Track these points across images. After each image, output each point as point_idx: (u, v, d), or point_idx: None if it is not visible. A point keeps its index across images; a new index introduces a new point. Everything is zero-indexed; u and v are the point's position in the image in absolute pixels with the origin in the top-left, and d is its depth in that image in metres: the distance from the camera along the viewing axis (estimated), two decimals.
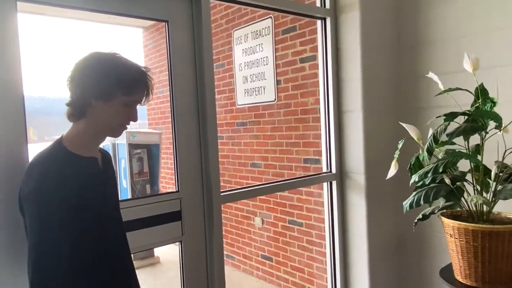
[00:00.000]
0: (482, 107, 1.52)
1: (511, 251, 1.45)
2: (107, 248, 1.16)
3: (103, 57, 1.11)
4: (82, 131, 1.12)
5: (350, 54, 2.33)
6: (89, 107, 1.09)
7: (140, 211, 1.57)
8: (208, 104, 1.74)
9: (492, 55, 2.06)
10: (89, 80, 1.07)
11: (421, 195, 1.59)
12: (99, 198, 1.15)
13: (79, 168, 1.09)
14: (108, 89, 1.08)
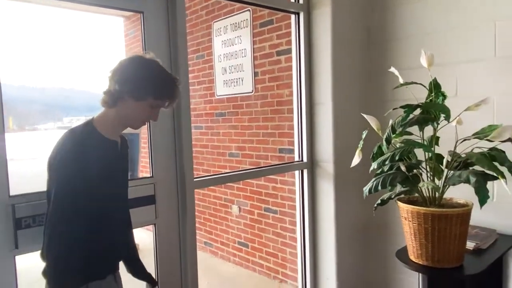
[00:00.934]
0: (435, 100, 1.64)
1: (458, 232, 1.59)
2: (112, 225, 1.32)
3: (145, 62, 1.28)
4: (111, 118, 1.29)
5: (321, 48, 2.43)
6: (121, 100, 1.26)
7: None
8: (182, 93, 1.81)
9: (453, 52, 2.19)
10: (129, 79, 1.23)
11: (379, 181, 1.71)
12: (115, 176, 1.32)
13: (103, 148, 1.26)
14: (142, 91, 1.25)
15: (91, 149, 1.20)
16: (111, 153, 1.30)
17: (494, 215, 2.07)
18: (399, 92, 2.30)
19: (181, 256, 1.90)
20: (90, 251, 1.20)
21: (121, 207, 1.40)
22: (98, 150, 1.23)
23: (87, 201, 1.18)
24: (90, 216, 1.20)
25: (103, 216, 1.27)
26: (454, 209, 1.58)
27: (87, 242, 1.19)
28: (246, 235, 3.67)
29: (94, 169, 1.19)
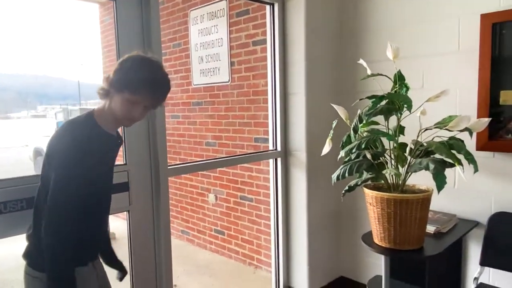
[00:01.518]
0: (399, 91, 1.72)
1: (418, 216, 1.68)
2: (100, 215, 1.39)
3: (134, 58, 1.30)
4: (106, 111, 1.30)
5: (295, 39, 2.48)
6: (109, 92, 1.29)
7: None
8: None
9: (421, 45, 2.28)
10: (116, 72, 1.28)
11: (346, 168, 1.79)
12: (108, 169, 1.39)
13: (103, 141, 1.30)
14: (119, 83, 1.26)
15: (92, 142, 1.24)
16: (109, 147, 1.35)
17: (455, 201, 2.20)
18: (368, 83, 2.38)
19: (156, 243, 1.93)
20: (79, 238, 1.24)
21: (108, 198, 1.44)
22: (98, 143, 1.27)
23: (83, 190, 1.23)
24: (84, 204, 1.25)
25: (95, 206, 1.33)
26: (415, 195, 1.67)
27: (78, 229, 1.24)
28: (222, 223, 3.72)
29: (92, 161, 1.24)
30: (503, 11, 1.92)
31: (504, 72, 1.97)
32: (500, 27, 1.95)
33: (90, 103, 5.23)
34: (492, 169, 2.05)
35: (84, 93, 8.37)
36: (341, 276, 2.80)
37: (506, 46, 1.96)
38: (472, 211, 2.13)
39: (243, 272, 3.37)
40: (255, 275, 3.30)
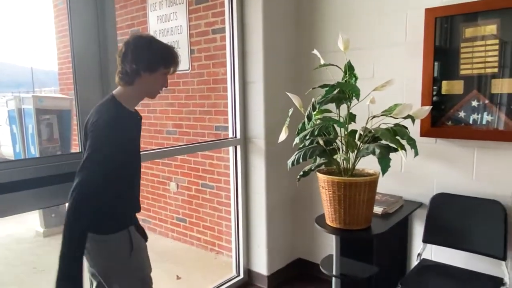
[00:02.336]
0: (349, 81, 1.82)
1: (366, 198, 1.80)
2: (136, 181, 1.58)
3: (147, 39, 1.46)
4: (130, 94, 1.47)
5: (253, 28, 2.52)
6: (139, 76, 1.44)
7: (41, 171, 1.64)
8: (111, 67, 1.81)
9: (372, 37, 2.39)
10: (141, 57, 1.42)
11: (301, 154, 1.87)
12: (137, 142, 1.57)
13: (129, 118, 1.49)
14: (155, 64, 1.44)
15: (122, 120, 1.43)
16: (135, 123, 1.55)
17: (401, 184, 2.35)
18: (323, 73, 2.48)
19: None
20: (126, 201, 1.50)
21: (139, 168, 1.60)
22: (128, 121, 1.47)
23: (118, 161, 1.40)
24: (121, 173, 1.45)
25: (130, 174, 1.53)
26: (362, 178, 1.78)
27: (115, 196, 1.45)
28: (184, 210, 3.74)
29: (123, 137, 1.42)
30: (445, 6, 2.06)
31: (446, 64, 2.12)
32: (442, 21, 2.09)
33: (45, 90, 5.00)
34: (435, 154, 2.22)
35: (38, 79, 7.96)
36: (299, 258, 2.93)
37: (448, 39, 2.10)
38: (417, 193, 2.29)
39: (205, 258, 3.43)
40: (217, 261, 3.36)
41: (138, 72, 1.43)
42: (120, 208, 1.49)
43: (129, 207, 1.54)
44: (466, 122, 2.07)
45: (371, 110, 1.85)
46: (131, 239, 1.49)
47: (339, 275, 1.92)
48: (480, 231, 2.01)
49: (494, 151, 2.02)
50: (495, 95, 1.97)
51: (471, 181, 2.11)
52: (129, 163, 1.49)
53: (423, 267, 2.10)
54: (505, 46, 1.93)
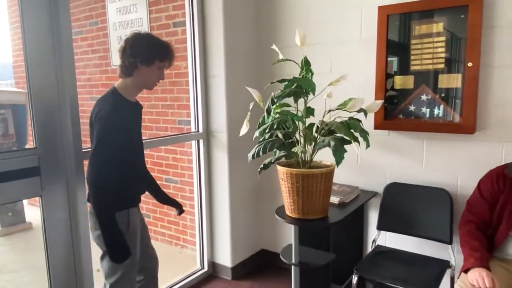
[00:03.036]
0: (305, 76, 1.87)
1: (322, 189, 1.87)
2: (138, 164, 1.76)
3: (144, 36, 1.66)
4: (129, 85, 1.66)
5: (214, 23, 2.53)
6: (136, 69, 1.62)
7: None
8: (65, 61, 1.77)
9: (329, 33, 2.47)
10: (138, 52, 1.60)
11: (260, 148, 1.92)
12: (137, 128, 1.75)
13: (129, 108, 1.66)
14: (150, 57, 1.62)
15: (122, 110, 1.61)
16: (134, 112, 1.71)
17: (358, 175, 2.46)
18: (282, 68, 2.53)
19: (72, 229, 1.89)
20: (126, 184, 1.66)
21: (141, 153, 1.79)
22: (126, 110, 1.64)
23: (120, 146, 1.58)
24: (123, 156, 1.61)
25: (131, 157, 1.69)
26: (319, 169, 1.85)
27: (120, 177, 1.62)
28: (148, 206, 3.71)
29: (124, 124, 1.60)
30: (397, 4, 2.16)
31: (398, 59, 2.23)
32: (394, 18, 2.19)
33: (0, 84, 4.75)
34: (388, 145, 2.33)
35: None
36: (262, 249, 3.00)
37: (399, 36, 2.20)
38: (372, 183, 2.41)
39: (169, 253, 3.43)
40: (181, 255, 3.37)
41: (135, 64, 1.61)
42: (122, 191, 1.64)
43: (130, 191, 1.71)
44: (416, 115, 2.19)
45: (329, 104, 1.92)
46: (128, 221, 1.66)
47: (298, 263, 1.99)
48: (429, 218, 2.14)
49: (441, 142, 2.16)
50: (441, 89, 2.10)
51: (421, 171, 2.24)
52: (128, 150, 1.67)
53: (377, 252, 2.22)
54: (450, 43, 2.05)
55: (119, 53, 1.64)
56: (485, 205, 1.75)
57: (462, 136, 2.08)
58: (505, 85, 1.95)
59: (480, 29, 1.94)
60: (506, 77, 1.94)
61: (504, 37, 1.93)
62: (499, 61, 1.95)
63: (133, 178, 1.72)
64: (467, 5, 1.95)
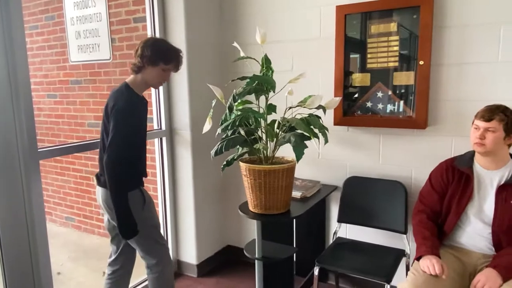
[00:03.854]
0: (266, 73, 1.90)
1: (284, 184, 1.91)
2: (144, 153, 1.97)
3: (155, 40, 1.90)
4: (138, 81, 1.89)
5: (176, 19, 2.50)
6: (143, 68, 1.85)
7: None
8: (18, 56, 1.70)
9: (291, 31, 2.51)
10: (146, 53, 1.81)
11: (223, 144, 1.93)
12: (145, 121, 1.93)
13: (140, 101, 1.88)
14: (155, 59, 1.83)
15: (134, 103, 1.82)
16: (143, 106, 1.91)
17: (319, 169, 2.53)
18: (246, 65, 2.56)
19: (29, 232, 1.82)
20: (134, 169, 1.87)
21: (145, 141, 1.99)
22: (138, 104, 1.85)
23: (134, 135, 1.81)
24: (135, 145, 1.85)
25: (141, 146, 1.92)
26: (280, 165, 1.89)
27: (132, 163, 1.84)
28: None
29: (137, 117, 1.82)
30: (353, 4, 2.23)
31: (356, 57, 2.30)
32: (352, 17, 2.26)
33: None
34: (347, 141, 2.41)
35: None
36: (228, 245, 3.02)
37: (357, 35, 2.28)
38: (333, 177, 2.48)
39: None
40: None
41: (143, 64, 1.83)
42: (134, 173, 1.89)
43: (139, 173, 1.95)
44: (373, 111, 2.28)
45: (290, 101, 1.96)
46: (143, 195, 1.92)
47: (261, 258, 2.03)
48: (386, 209, 2.24)
49: (396, 137, 2.26)
50: (396, 87, 2.20)
51: (378, 164, 2.33)
52: (139, 138, 1.89)
53: (338, 244, 2.30)
54: (404, 42, 2.15)
55: (134, 53, 1.88)
56: (436, 195, 1.86)
57: (415, 131, 2.19)
58: (453, 82, 2.07)
59: (431, 29, 2.04)
60: (455, 75, 2.06)
61: (453, 37, 2.04)
62: (449, 59, 2.07)
63: (142, 161, 1.96)
64: (419, 6, 2.05)
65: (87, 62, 3.48)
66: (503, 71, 1.95)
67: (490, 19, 1.95)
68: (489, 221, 1.72)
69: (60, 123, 3.85)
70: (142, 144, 1.94)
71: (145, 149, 1.99)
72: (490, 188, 1.74)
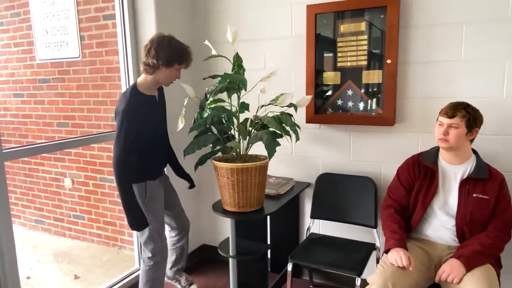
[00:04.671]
0: (238, 72, 1.91)
1: (257, 182, 1.93)
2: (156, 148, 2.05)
3: (167, 39, 1.90)
4: (149, 81, 1.93)
5: (146, 16, 2.47)
6: (158, 69, 1.88)
7: None
8: None
9: (263, 29, 2.52)
10: (160, 54, 1.85)
11: (195, 143, 1.93)
12: (153, 118, 2.00)
13: (145, 101, 1.94)
14: (171, 59, 1.88)
15: (137, 104, 1.89)
16: (151, 104, 1.99)
17: (292, 167, 2.56)
18: (219, 63, 2.55)
19: None
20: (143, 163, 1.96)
21: (161, 136, 2.11)
22: (143, 105, 1.92)
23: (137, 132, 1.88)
24: (142, 140, 1.93)
25: (151, 141, 1.99)
26: (253, 163, 1.90)
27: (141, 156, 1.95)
28: (82, 207, 3.55)
29: (140, 116, 1.89)
30: (323, 4, 2.26)
31: (327, 56, 2.34)
32: (322, 17, 2.29)
33: None
34: (319, 138, 2.45)
35: None
36: (203, 244, 3.01)
37: (327, 34, 2.32)
38: (306, 174, 2.52)
39: (107, 254, 3.31)
40: (119, 255, 3.28)
41: (158, 66, 1.86)
42: (140, 168, 1.95)
43: (148, 167, 2.00)
44: (343, 109, 2.33)
45: (264, 100, 1.98)
46: (146, 190, 1.98)
47: (235, 255, 2.04)
48: (357, 205, 2.29)
49: (366, 134, 2.32)
50: (365, 85, 2.25)
51: (349, 161, 2.38)
52: (144, 136, 1.94)
53: (311, 240, 2.33)
54: (372, 42, 2.20)
55: (144, 52, 1.89)
56: (403, 190, 1.92)
57: (384, 128, 2.25)
58: (419, 80, 2.14)
59: (397, 29, 2.10)
60: (421, 73, 2.13)
61: (418, 36, 2.11)
62: (414, 58, 2.13)
63: (151, 156, 2.01)
64: (386, 6, 2.10)
65: (55, 60, 3.38)
66: (465, 69, 2.03)
67: (453, 20, 2.02)
68: (453, 213, 1.79)
69: (28, 123, 3.73)
70: (148, 142, 2.00)
71: (162, 143, 2.11)
72: (454, 182, 1.81)
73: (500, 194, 1.75)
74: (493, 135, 2.01)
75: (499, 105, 1.99)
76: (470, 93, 2.03)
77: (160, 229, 2.07)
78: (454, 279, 1.61)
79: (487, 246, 1.68)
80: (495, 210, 1.75)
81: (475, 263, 1.64)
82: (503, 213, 1.75)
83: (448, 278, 1.62)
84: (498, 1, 1.92)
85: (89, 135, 2.43)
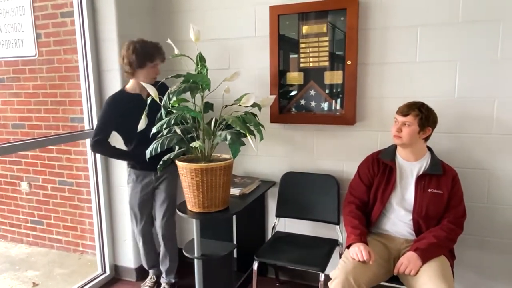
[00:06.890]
0: (201, 71, 1.90)
1: (222, 182, 1.93)
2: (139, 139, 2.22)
3: (133, 45, 2.12)
4: (133, 83, 2.22)
5: (106, 15, 2.41)
6: (135, 71, 2.16)
7: None
8: None
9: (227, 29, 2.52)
10: (131, 60, 2.11)
11: (159, 143, 1.90)
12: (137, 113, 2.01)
13: (127, 97, 2.21)
14: (141, 61, 2.13)
15: (119, 101, 2.20)
16: (134, 100, 2.20)
17: (257, 166, 2.58)
18: (182, 63, 2.53)
19: None
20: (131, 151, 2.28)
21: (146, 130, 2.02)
22: (122, 98, 2.21)
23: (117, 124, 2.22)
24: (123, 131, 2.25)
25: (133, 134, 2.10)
26: (218, 163, 1.90)
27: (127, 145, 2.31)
28: (40, 212, 3.40)
29: (120, 110, 2.18)
30: (285, 5, 2.30)
31: (289, 57, 2.38)
32: (285, 18, 2.32)
33: None
34: (283, 137, 2.49)
35: None
36: None
37: (290, 35, 2.35)
38: (271, 173, 2.54)
39: (67, 260, 3.20)
40: (81, 261, 3.17)
41: (133, 69, 2.14)
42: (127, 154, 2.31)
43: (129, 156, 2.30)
44: (306, 109, 2.37)
45: (229, 99, 1.98)
46: (128, 174, 2.37)
47: (200, 256, 2.03)
48: (320, 202, 2.34)
49: (328, 133, 2.37)
50: (327, 85, 2.31)
51: (312, 159, 2.43)
52: (123, 128, 2.22)
53: (276, 238, 2.36)
54: (333, 43, 2.26)
55: (121, 61, 2.18)
56: (363, 187, 1.98)
57: (345, 127, 2.32)
58: (378, 80, 2.22)
59: (356, 31, 2.17)
60: (379, 74, 2.21)
61: (376, 38, 2.18)
62: (373, 59, 2.21)
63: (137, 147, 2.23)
64: (346, 9, 2.16)
65: (9, 59, 3.23)
66: (421, 70, 2.13)
67: (408, 22, 2.11)
68: (410, 208, 1.87)
69: None
70: (128, 133, 2.23)
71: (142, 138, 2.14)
72: (411, 178, 1.90)
73: (453, 189, 1.85)
74: (446, 133, 2.12)
75: (451, 104, 2.09)
76: (425, 93, 2.13)
77: (133, 215, 2.42)
78: (411, 271, 1.68)
79: (442, 238, 1.77)
80: (448, 204, 1.85)
81: (430, 255, 1.72)
82: (455, 207, 1.85)
83: (405, 271, 1.69)
84: (450, 7, 2.03)
85: (46, 136, 2.34)
